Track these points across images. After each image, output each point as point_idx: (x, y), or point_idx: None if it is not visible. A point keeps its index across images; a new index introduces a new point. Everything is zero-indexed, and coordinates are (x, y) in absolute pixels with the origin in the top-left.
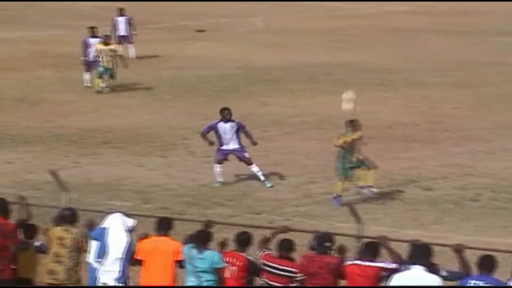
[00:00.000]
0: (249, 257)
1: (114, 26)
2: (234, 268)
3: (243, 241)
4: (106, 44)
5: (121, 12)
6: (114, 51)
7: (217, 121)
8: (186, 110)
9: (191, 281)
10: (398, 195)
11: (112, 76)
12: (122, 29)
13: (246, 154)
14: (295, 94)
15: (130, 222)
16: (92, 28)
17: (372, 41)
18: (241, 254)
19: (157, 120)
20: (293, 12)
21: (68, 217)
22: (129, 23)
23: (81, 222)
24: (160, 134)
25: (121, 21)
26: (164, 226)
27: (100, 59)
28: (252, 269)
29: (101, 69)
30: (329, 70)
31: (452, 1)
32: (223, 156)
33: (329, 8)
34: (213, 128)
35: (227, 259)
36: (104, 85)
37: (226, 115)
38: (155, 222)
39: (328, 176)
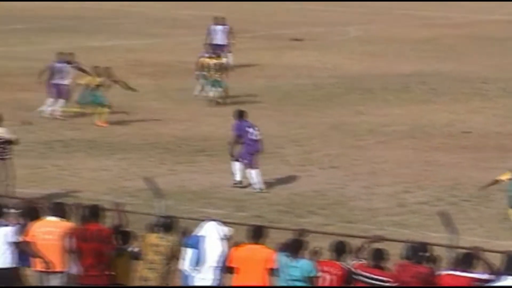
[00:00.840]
0: (346, 266)
1: (210, 35)
2: (332, 277)
3: (340, 250)
4: (212, 58)
5: (220, 21)
6: (221, 64)
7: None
8: (281, 118)
9: None
10: (493, 205)
11: (221, 88)
12: (219, 38)
13: None
14: (388, 103)
15: (226, 230)
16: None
17: (466, 50)
18: (339, 263)
19: None
20: (386, 21)
21: (164, 225)
22: (228, 32)
23: (176, 229)
24: None
25: (219, 30)
26: (257, 234)
27: (205, 72)
28: (348, 278)
29: (207, 81)
30: (423, 79)
31: None
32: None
33: (423, 17)
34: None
35: (323, 268)
36: (213, 95)
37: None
38: (249, 230)
39: (422, 185)
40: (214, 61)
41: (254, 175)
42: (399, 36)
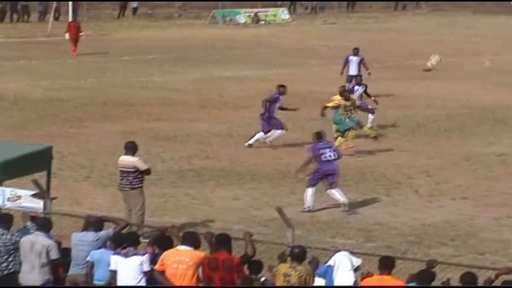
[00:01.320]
0: None
1: (346, 65)
2: None
3: (470, 282)
4: (346, 99)
5: (355, 52)
6: (353, 103)
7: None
8: (412, 148)
9: None
10: None
11: (360, 125)
12: (353, 69)
13: None
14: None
15: (356, 261)
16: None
17: None
18: None
19: (382, 159)
20: None
21: (295, 255)
22: (362, 63)
23: (307, 259)
24: (385, 172)
25: (354, 60)
26: (387, 264)
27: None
28: None
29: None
30: None
31: None
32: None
33: None
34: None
35: None
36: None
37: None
38: (379, 260)
39: None
40: (346, 102)
41: (335, 193)
42: None
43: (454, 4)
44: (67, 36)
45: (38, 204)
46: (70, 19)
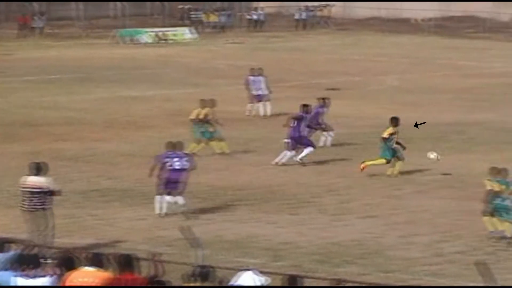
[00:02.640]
0: None
1: (249, 85)
2: None
3: None
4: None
5: (257, 72)
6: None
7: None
8: (318, 168)
9: None
10: None
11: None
12: (262, 88)
13: None
14: (424, 152)
15: (263, 280)
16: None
17: (506, 99)
18: None
19: (289, 178)
20: (425, 71)
21: (201, 274)
22: (267, 82)
23: (213, 279)
24: (292, 192)
25: (261, 80)
26: (292, 283)
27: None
28: None
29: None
30: (462, 128)
31: None
32: None
33: (462, 67)
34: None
35: None
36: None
37: None
38: (283, 279)
39: (459, 235)
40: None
41: (170, 200)
42: (438, 86)
43: (359, 24)
44: None
45: None
46: None
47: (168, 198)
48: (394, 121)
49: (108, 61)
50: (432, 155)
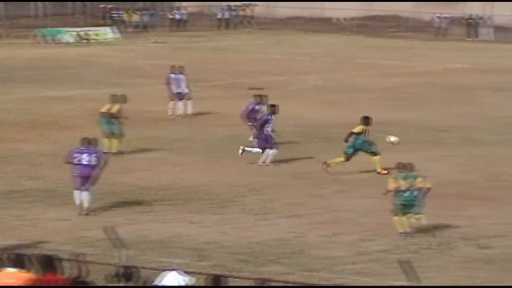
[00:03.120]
0: None
1: (170, 83)
2: None
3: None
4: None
5: (178, 70)
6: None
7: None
8: (242, 167)
9: None
10: (453, 253)
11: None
12: (183, 86)
13: None
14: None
15: (187, 280)
16: None
17: (428, 98)
18: None
19: (212, 177)
20: (347, 70)
21: (124, 275)
22: (187, 81)
23: (137, 279)
24: (216, 191)
25: (182, 78)
26: (216, 283)
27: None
28: None
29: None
30: (384, 128)
31: None
32: None
33: (384, 66)
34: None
35: None
36: None
37: None
38: (208, 279)
39: (382, 233)
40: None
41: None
42: (361, 85)
43: (282, 23)
44: None
45: None
46: None
47: (77, 193)
48: (366, 120)
49: (30, 61)
50: (393, 138)
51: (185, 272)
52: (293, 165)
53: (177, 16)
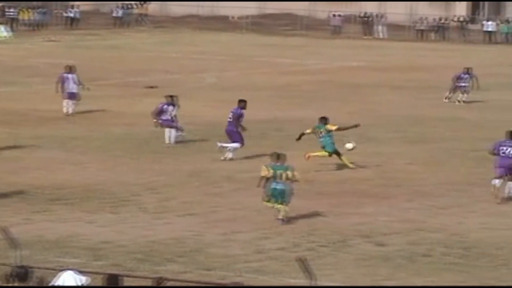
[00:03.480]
0: None
1: (63, 83)
2: None
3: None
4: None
5: (70, 70)
6: None
7: None
8: (137, 166)
9: None
10: (350, 250)
11: None
12: (72, 86)
13: None
14: (246, 150)
15: (83, 279)
16: None
17: (322, 96)
18: None
19: (108, 176)
20: (243, 69)
21: (19, 275)
22: (78, 80)
23: (32, 279)
24: (112, 190)
25: (71, 78)
26: (112, 283)
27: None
28: None
29: None
30: (280, 126)
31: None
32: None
33: (280, 64)
34: None
35: None
36: None
37: None
38: (103, 278)
39: (279, 231)
40: None
41: None
42: (256, 83)
43: (176, 21)
44: None
45: None
46: None
47: None
48: (323, 120)
49: None
50: (349, 145)
51: (81, 272)
52: (189, 163)
53: (71, 14)
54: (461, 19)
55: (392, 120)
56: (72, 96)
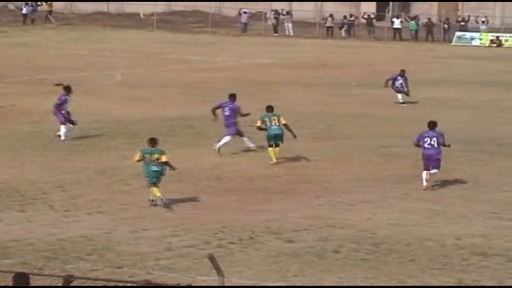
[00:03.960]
0: None
1: None
2: None
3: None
4: None
5: None
6: None
7: None
8: (45, 164)
9: None
10: (260, 247)
11: None
12: None
13: None
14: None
15: None
16: None
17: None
18: None
19: (16, 174)
20: (151, 66)
21: None
22: None
23: None
24: (19, 188)
25: None
26: (21, 282)
27: None
28: None
29: None
30: (189, 123)
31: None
32: None
33: (188, 61)
34: None
35: None
36: None
37: None
38: (12, 277)
39: (189, 229)
40: None
41: None
42: (165, 81)
43: (83, 18)
44: None
45: None
46: None
47: None
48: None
49: None
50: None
51: None
52: (97, 161)
53: None
54: (370, 16)
55: (301, 116)
56: None
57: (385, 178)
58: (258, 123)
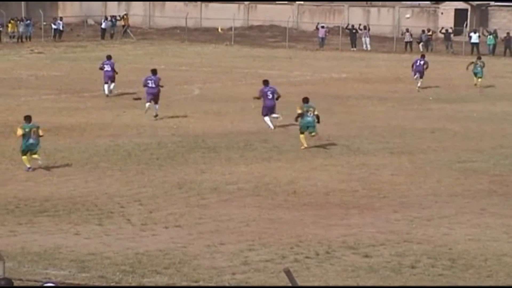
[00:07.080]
0: None
1: None
2: None
3: None
4: None
5: None
6: None
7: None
8: (123, 178)
9: None
10: (336, 262)
11: None
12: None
13: None
14: (232, 161)
15: None
16: None
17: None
18: None
19: (93, 188)
20: (229, 80)
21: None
22: None
23: None
24: (97, 202)
25: None
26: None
27: None
28: None
29: None
30: (266, 137)
31: None
32: None
33: (264, 76)
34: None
35: None
36: None
37: None
38: None
39: (266, 243)
40: None
41: None
42: (242, 95)
43: (161, 33)
44: None
45: None
46: None
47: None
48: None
49: None
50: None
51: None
52: (174, 175)
53: (54, 27)
54: (447, 30)
55: (377, 131)
56: None
57: (462, 193)
58: (299, 110)
